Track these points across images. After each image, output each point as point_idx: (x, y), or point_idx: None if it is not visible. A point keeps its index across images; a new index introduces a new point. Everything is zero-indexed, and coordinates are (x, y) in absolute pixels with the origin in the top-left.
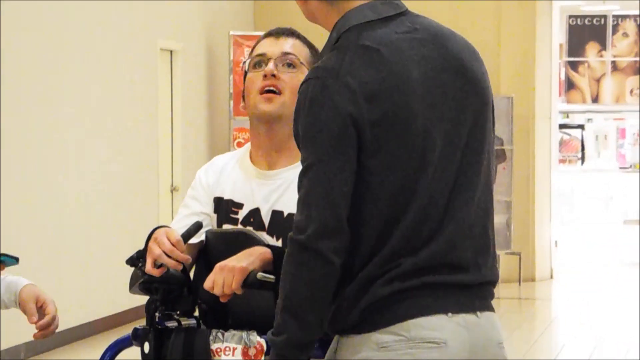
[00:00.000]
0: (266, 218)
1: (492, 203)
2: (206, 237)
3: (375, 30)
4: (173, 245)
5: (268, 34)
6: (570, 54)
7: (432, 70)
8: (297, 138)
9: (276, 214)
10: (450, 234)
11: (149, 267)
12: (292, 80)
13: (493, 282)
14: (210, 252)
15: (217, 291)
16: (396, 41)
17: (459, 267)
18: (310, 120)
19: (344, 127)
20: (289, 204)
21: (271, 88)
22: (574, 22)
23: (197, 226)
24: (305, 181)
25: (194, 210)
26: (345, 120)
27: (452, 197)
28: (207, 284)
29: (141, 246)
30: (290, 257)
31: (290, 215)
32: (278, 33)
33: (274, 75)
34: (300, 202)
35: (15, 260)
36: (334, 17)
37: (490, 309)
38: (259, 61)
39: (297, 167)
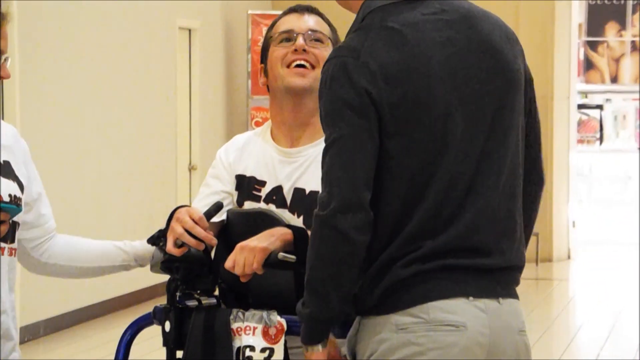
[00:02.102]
0: (288, 195)
1: (520, 187)
2: (227, 216)
3: (401, 11)
4: (195, 222)
5: (291, 10)
6: (589, 34)
7: (457, 52)
8: (322, 118)
9: (298, 192)
10: (471, 218)
11: (169, 247)
12: (322, 54)
13: (519, 267)
14: (231, 232)
15: (237, 271)
16: (421, 22)
17: (481, 251)
18: (331, 97)
19: (364, 104)
20: (311, 182)
21: (302, 62)
22: (594, 2)
23: (218, 206)
24: (327, 158)
25: (215, 189)
26: (365, 98)
27: (475, 181)
28: (228, 264)
29: (160, 225)
30: (314, 233)
31: (312, 192)
32: (301, 9)
33: (304, 50)
34: (323, 179)
35: (16, 207)
36: None
37: (513, 295)
38: (287, 37)
39: (320, 144)
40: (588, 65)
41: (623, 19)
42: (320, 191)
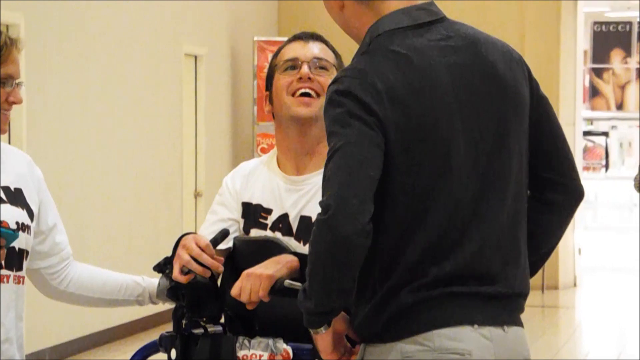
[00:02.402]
0: (294, 223)
1: (524, 213)
2: (234, 244)
3: (408, 36)
4: (202, 250)
5: (295, 38)
6: (594, 61)
7: (462, 77)
8: (327, 132)
9: (304, 219)
10: (477, 245)
11: (176, 274)
12: (327, 82)
13: (524, 295)
14: (237, 259)
15: (244, 298)
16: (427, 48)
17: (487, 278)
18: (338, 110)
19: (372, 119)
20: (316, 209)
21: (307, 91)
22: (599, 29)
23: (224, 234)
24: (330, 164)
25: (221, 216)
26: (373, 115)
27: (478, 207)
28: (234, 291)
29: (165, 251)
30: (314, 236)
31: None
32: (306, 37)
33: (309, 78)
34: (324, 184)
35: (14, 232)
36: (369, 20)
37: (518, 323)
38: (292, 65)
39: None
40: (593, 92)
41: (628, 46)
42: (321, 196)
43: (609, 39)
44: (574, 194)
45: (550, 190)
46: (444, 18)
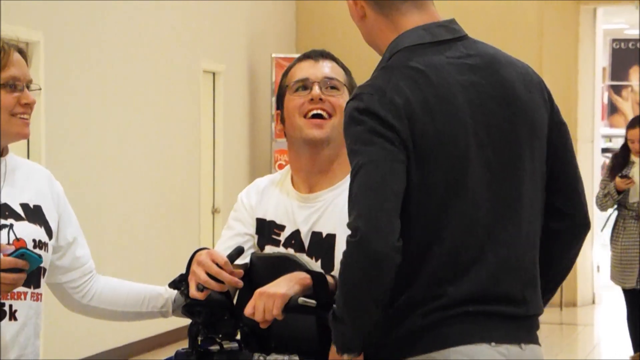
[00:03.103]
0: (306, 239)
1: (539, 234)
2: (251, 260)
3: (427, 53)
4: (221, 267)
5: (305, 57)
6: (613, 78)
7: (479, 97)
8: (348, 150)
9: (315, 235)
10: (495, 267)
11: (192, 291)
12: (338, 102)
13: (538, 315)
14: (254, 276)
15: (257, 317)
16: (445, 65)
17: (507, 300)
18: (359, 128)
19: (393, 135)
20: (327, 225)
21: (319, 112)
22: (618, 46)
23: (239, 251)
24: (355, 184)
25: (238, 231)
26: (394, 131)
27: (496, 228)
28: (248, 310)
29: (182, 268)
30: (346, 259)
31: (328, 235)
32: (315, 55)
33: (321, 99)
34: (350, 204)
35: (38, 257)
36: (390, 35)
37: (535, 341)
38: (303, 85)
39: (337, 189)
40: (612, 109)
41: None
42: (348, 217)
43: (627, 56)
44: (580, 226)
45: (557, 220)
46: (465, 36)
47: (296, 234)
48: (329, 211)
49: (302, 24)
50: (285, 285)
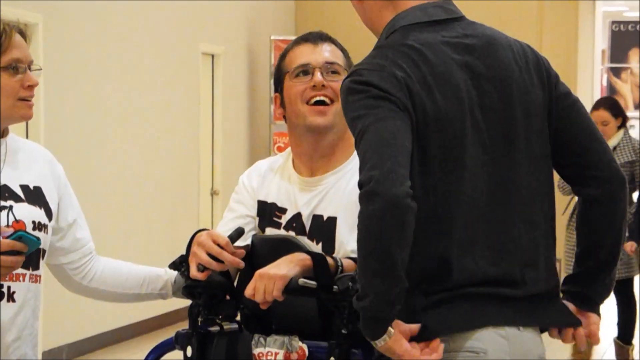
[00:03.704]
0: (307, 222)
1: (541, 214)
2: (252, 241)
3: (422, 32)
4: (222, 247)
5: (304, 40)
6: (612, 60)
7: (475, 77)
8: (349, 121)
9: (316, 218)
10: (493, 249)
11: (193, 272)
12: (339, 87)
13: (547, 292)
14: (255, 257)
15: (258, 298)
16: (441, 44)
17: (504, 282)
18: (361, 96)
19: (398, 103)
20: (329, 208)
21: (322, 99)
22: (617, 28)
23: (239, 232)
24: (362, 143)
25: (239, 213)
26: (398, 101)
27: (489, 210)
28: (248, 292)
29: (182, 250)
30: (362, 214)
31: (329, 218)
32: (314, 38)
33: (323, 86)
34: (361, 163)
35: (37, 240)
36: (387, 16)
37: (534, 322)
38: (303, 70)
39: (338, 172)
40: (611, 91)
41: None
42: (359, 175)
43: (627, 38)
44: (613, 183)
45: (588, 186)
46: (461, 17)
47: (297, 217)
48: (330, 194)
49: (301, 6)
50: (285, 267)
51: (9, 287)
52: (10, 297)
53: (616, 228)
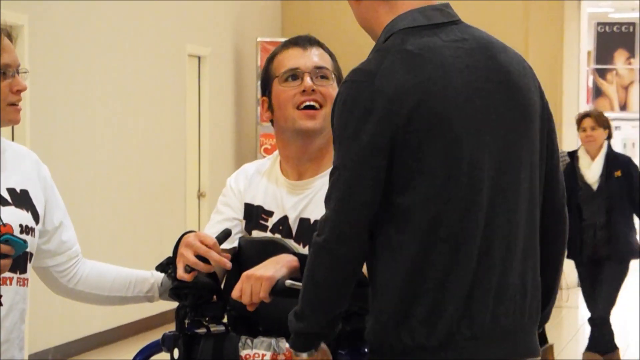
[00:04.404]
0: (294, 226)
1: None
2: (239, 244)
3: (422, 35)
4: (209, 248)
5: (293, 44)
6: (598, 62)
7: (475, 80)
8: (333, 139)
9: (303, 222)
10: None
11: (180, 272)
12: (329, 91)
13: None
14: (242, 259)
15: (245, 300)
16: (440, 48)
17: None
18: (341, 123)
19: (374, 134)
20: (315, 211)
21: (312, 103)
22: (602, 30)
23: (226, 234)
24: (330, 184)
25: (226, 216)
26: (377, 127)
27: (491, 217)
28: (235, 293)
29: (169, 252)
30: (310, 256)
31: (317, 222)
32: (303, 42)
33: (313, 90)
34: (325, 201)
35: (23, 242)
36: (385, 18)
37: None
38: (293, 75)
39: (325, 176)
40: (597, 92)
41: (632, 47)
42: (324, 212)
43: (612, 39)
44: (564, 223)
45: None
46: (458, 21)
47: (284, 220)
48: (317, 198)
49: (287, 8)
50: (272, 268)
51: None
52: None
53: (555, 269)
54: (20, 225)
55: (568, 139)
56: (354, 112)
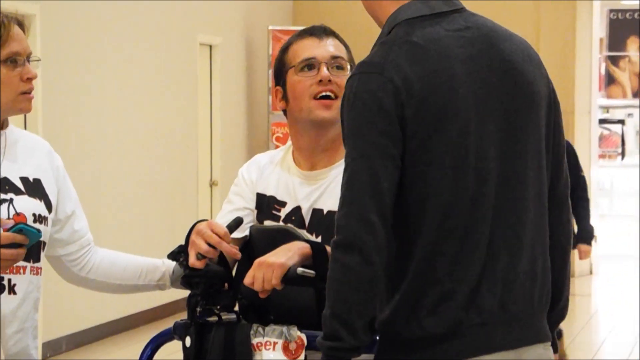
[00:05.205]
0: (307, 216)
1: (546, 214)
2: (250, 232)
3: (425, 26)
4: (221, 238)
5: (308, 34)
6: (610, 49)
7: (479, 70)
8: (343, 135)
9: (316, 212)
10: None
11: (192, 260)
12: (344, 82)
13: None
14: (253, 248)
15: (257, 287)
16: (444, 38)
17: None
18: (353, 115)
19: (387, 124)
20: (329, 201)
21: (328, 93)
22: (615, 16)
23: (237, 222)
24: (345, 177)
25: (238, 205)
26: (389, 117)
27: (499, 207)
28: (247, 280)
29: (181, 240)
30: (332, 260)
31: (330, 212)
32: (319, 33)
33: (329, 81)
34: (340, 200)
35: (37, 232)
36: (389, 7)
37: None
38: (309, 65)
39: (338, 166)
40: (609, 80)
41: None
42: (337, 211)
43: (625, 26)
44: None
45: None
46: (462, 9)
47: (297, 210)
48: (330, 188)
49: None
50: (284, 255)
51: (9, 280)
52: (12, 290)
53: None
54: (34, 215)
55: (580, 126)
56: (366, 102)
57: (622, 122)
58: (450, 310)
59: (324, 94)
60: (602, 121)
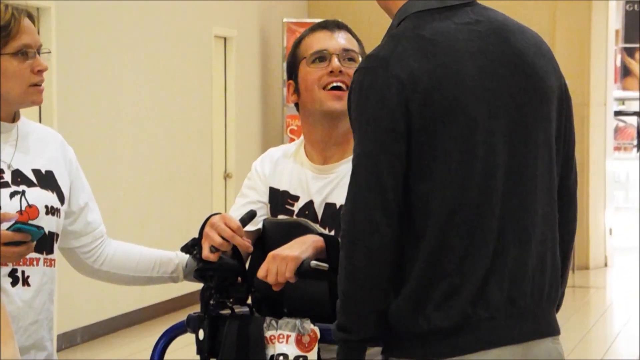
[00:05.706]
0: (319, 210)
1: (556, 208)
2: (263, 225)
3: (434, 19)
4: (234, 231)
5: (321, 27)
6: (626, 40)
7: (489, 64)
8: (352, 122)
9: (329, 206)
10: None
11: (206, 253)
12: None
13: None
14: (266, 241)
15: (270, 280)
16: (453, 32)
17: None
18: (359, 110)
19: (391, 120)
20: (341, 196)
21: (339, 84)
22: (631, 8)
23: (251, 215)
24: (351, 173)
25: (251, 199)
26: (393, 113)
27: (508, 199)
28: (261, 273)
29: (195, 233)
30: (341, 251)
31: (342, 206)
32: (331, 26)
33: (340, 72)
34: (347, 194)
35: (38, 229)
36: (400, 0)
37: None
38: (320, 57)
39: (350, 160)
40: (625, 71)
41: None
42: (344, 205)
43: None
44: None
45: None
46: (474, 2)
47: (310, 204)
48: (343, 182)
49: None
50: (298, 248)
51: (23, 272)
52: (25, 282)
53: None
54: (46, 207)
55: (596, 118)
56: (370, 98)
57: (637, 114)
58: (458, 304)
59: (334, 84)
60: (618, 113)
